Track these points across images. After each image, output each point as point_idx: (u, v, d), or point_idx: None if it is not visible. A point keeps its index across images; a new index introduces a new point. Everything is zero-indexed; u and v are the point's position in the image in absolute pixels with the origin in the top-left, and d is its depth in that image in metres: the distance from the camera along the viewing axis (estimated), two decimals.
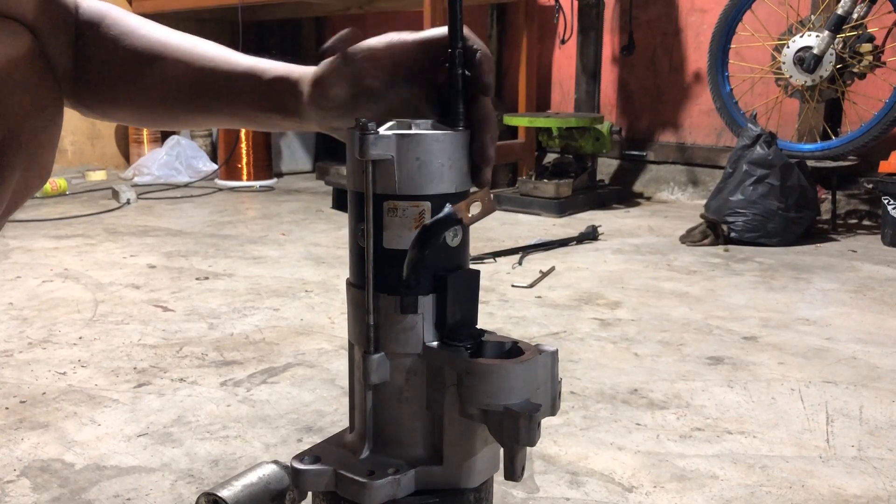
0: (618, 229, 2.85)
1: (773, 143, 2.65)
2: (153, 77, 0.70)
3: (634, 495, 1.02)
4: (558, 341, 1.63)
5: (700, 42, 3.48)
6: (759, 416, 1.27)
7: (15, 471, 1.08)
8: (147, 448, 1.15)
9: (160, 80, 0.70)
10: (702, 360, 1.52)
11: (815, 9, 2.94)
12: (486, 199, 0.58)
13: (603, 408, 1.30)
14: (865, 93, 2.85)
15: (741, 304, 1.91)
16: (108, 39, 0.71)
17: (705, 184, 3.48)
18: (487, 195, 0.58)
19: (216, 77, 0.69)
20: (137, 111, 0.74)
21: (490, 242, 2.54)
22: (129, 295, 1.96)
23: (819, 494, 1.03)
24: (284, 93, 0.67)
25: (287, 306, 1.87)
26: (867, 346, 1.60)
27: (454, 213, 0.58)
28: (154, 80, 0.70)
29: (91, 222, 2.94)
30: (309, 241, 2.63)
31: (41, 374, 1.44)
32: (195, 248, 2.51)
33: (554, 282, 2.11)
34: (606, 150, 3.35)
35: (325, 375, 1.43)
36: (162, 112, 0.73)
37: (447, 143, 0.60)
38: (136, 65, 0.70)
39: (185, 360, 1.52)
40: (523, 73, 3.79)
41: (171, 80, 0.70)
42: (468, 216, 0.58)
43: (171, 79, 0.70)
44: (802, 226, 2.63)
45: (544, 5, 3.87)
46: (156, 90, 0.71)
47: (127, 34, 0.71)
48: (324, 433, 1.19)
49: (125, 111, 0.75)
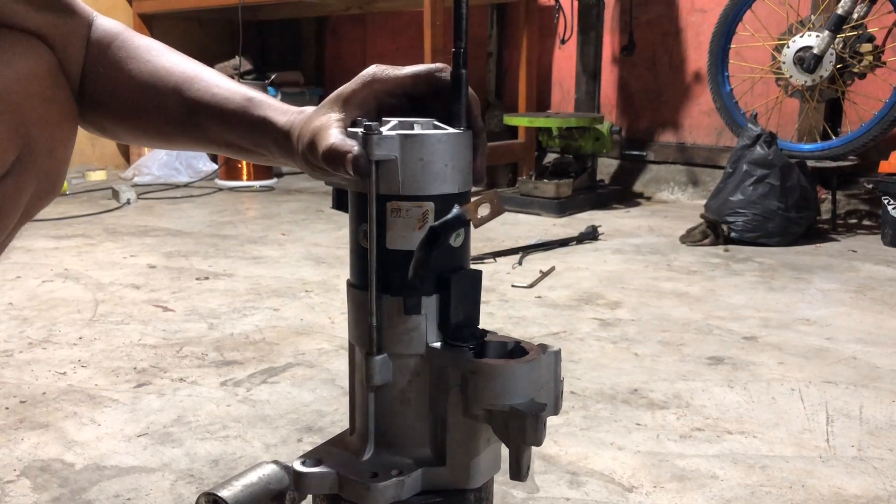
0: (618, 229, 2.85)
1: (774, 143, 2.65)
2: (152, 103, 0.71)
3: (634, 495, 1.02)
4: (558, 341, 1.63)
5: (700, 42, 3.48)
6: (759, 416, 1.27)
7: (15, 471, 1.08)
8: (147, 448, 1.15)
9: (158, 107, 0.71)
10: (702, 360, 1.52)
11: (815, 9, 2.94)
12: (494, 201, 0.58)
13: (603, 408, 1.30)
14: (865, 93, 2.85)
15: (741, 304, 1.91)
16: (115, 60, 0.72)
17: (705, 184, 3.48)
18: (496, 196, 0.58)
19: (210, 112, 0.70)
20: (135, 133, 0.76)
21: (490, 242, 2.54)
22: (129, 295, 1.96)
23: (819, 494, 1.03)
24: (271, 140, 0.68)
25: (287, 306, 1.87)
26: (867, 346, 1.60)
27: (463, 213, 0.58)
28: (152, 106, 0.72)
29: (91, 222, 2.94)
30: (309, 241, 2.63)
31: (41, 374, 1.44)
32: (195, 248, 2.51)
33: (554, 282, 2.11)
34: (606, 150, 3.35)
35: (325, 375, 1.43)
36: (158, 137, 0.75)
37: (450, 143, 0.60)
38: (138, 90, 0.72)
39: (185, 360, 1.51)
40: (523, 73, 3.79)
41: (170, 109, 0.71)
42: (477, 217, 0.58)
43: (168, 107, 0.71)
44: (802, 226, 2.63)
45: (544, 5, 3.87)
46: (154, 116, 0.72)
47: (133, 58, 0.72)
48: (324, 433, 1.19)
49: (124, 131, 0.76)
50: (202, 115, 0.70)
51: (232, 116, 0.69)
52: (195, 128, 0.71)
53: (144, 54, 0.73)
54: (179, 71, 0.72)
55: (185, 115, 0.71)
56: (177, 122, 0.72)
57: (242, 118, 0.69)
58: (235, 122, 0.69)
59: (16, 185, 0.61)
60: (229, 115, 0.69)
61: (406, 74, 0.64)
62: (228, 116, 0.69)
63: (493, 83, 4.19)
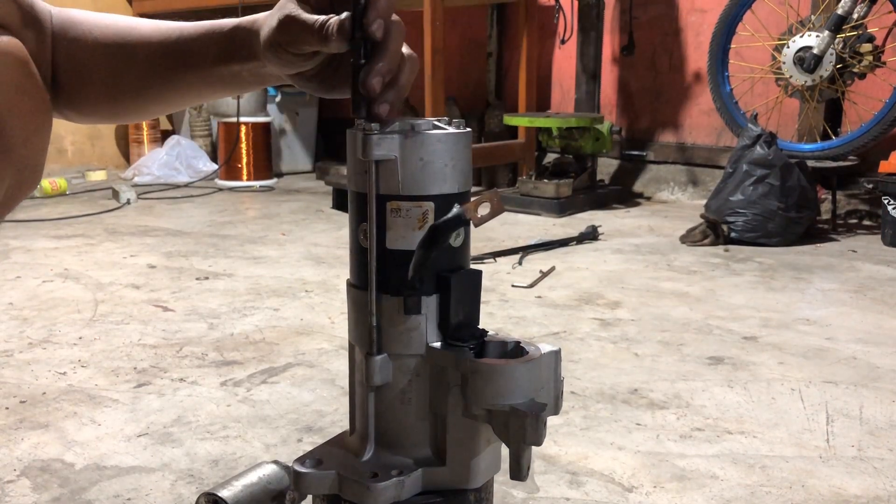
0: (618, 229, 2.85)
1: (774, 143, 2.65)
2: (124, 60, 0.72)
3: (634, 495, 1.02)
4: (558, 341, 1.63)
5: (700, 42, 3.48)
6: (759, 416, 1.27)
7: (15, 471, 1.08)
8: (147, 448, 1.15)
9: (131, 62, 0.72)
10: (702, 360, 1.52)
11: (815, 9, 2.94)
12: (494, 200, 0.58)
13: (603, 408, 1.30)
14: (865, 93, 2.85)
15: (741, 304, 1.91)
16: (79, 35, 0.73)
17: (705, 184, 3.48)
18: (496, 196, 0.58)
19: (182, 42, 0.70)
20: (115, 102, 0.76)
21: (490, 242, 2.54)
22: (129, 295, 1.96)
23: (819, 494, 1.03)
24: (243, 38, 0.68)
25: (287, 306, 1.87)
26: (867, 346, 1.60)
27: (463, 213, 0.58)
28: (126, 64, 0.72)
29: (91, 222, 2.94)
30: (309, 241, 2.63)
31: (41, 374, 1.44)
32: (195, 248, 2.51)
33: (554, 282, 2.11)
34: (606, 150, 3.35)
35: (325, 375, 1.43)
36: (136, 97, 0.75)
37: (450, 142, 0.60)
38: (107, 54, 0.72)
39: (185, 360, 1.52)
40: (523, 73, 3.79)
41: (142, 59, 0.72)
42: (477, 217, 0.58)
43: (141, 58, 0.72)
44: (802, 226, 2.63)
45: (544, 5, 3.87)
46: (129, 73, 0.73)
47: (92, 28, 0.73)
48: (324, 433, 1.19)
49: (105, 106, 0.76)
50: (175, 52, 0.70)
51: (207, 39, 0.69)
52: (171, 70, 0.71)
53: (105, 20, 0.74)
54: (142, 24, 0.73)
55: (158, 60, 0.71)
56: (151, 71, 0.72)
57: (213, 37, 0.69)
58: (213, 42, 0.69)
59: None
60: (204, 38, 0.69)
61: None
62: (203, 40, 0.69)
63: (493, 83, 4.19)
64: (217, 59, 0.70)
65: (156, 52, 0.71)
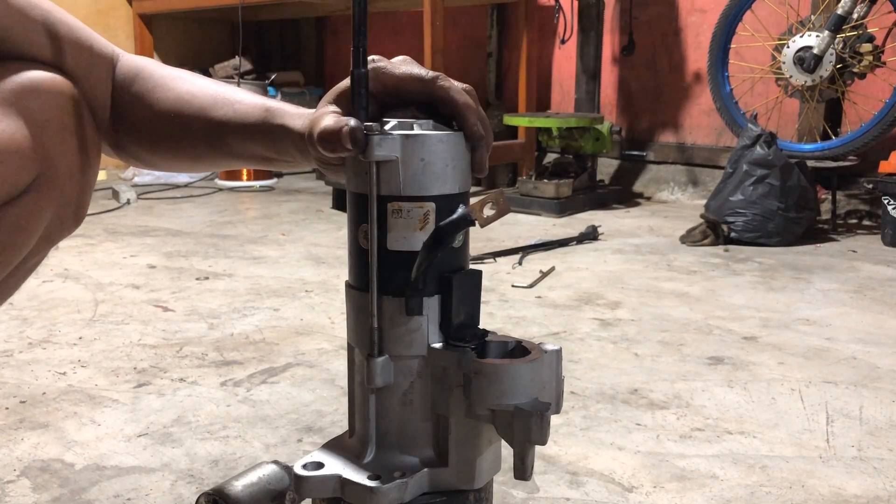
0: (618, 229, 2.85)
1: (774, 143, 2.65)
2: (179, 128, 0.75)
3: (634, 495, 1.02)
4: (558, 341, 1.63)
5: (700, 42, 3.48)
6: (759, 416, 1.27)
7: (15, 471, 1.08)
8: (147, 448, 1.15)
9: (185, 131, 0.75)
10: (702, 360, 1.52)
11: (815, 9, 2.94)
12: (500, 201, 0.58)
13: (603, 408, 1.30)
14: (865, 93, 2.85)
15: (741, 304, 1.91)
16: (142, 92, 0.76)
17: (705, 184, 3.48)
18: (501, 196, 0.58)
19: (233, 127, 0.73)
20: (167, 157, 0.80)
21: (490, 242, 2.54)
22: (129, 295, 1.96)
23: (819, 494, 1.03)
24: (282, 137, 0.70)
25: (287, 306, 1.87)
26: (867, 346, 1.60)
27: (468, 213, 0.58)
28: (180, 131, 0.76)
29: (91, 222, 2.93)
30: (309, 241, 2.63)
31: (41, 374, 1.44)
32: (195, 248, 2.51)
33: (554, 282, 2.11)
34: (606, 150, 3.35)
35: (325, 375, 1.43)
36: (189, 159, 0.79)
37: (451, 143, 0.60)
38: (165, 117, 0.76)
39: (185, 360, 1.51)
40: (523, 73, 3.79)
41: (196, 131, 0.75)
42: (482, 217, 0.58)
43: (195, 129, 0.75)
44: (802, 226, 2.63)
45: (544, 5, 3.87)
46: (182, 140, 0.76)
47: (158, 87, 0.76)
48: (324, 433, 1.19)
49: (157, 158, 0.80)
50: (226, 132, 0.73)
51: (253, 129, 0.72)
52: (221, 145, 0.75)
53: (169, 83, 0.76)
54: (203, 94, 0.75)
55: (211, 134, 0.74)
56: (204, 142, 0.75)
57: (262, 129, 0.71)
58: (257, 133, 0.72)
59: (36, 203, 0.63)
60: (251, 128, 0.72)
61: (403, 76, 0.64)
62: (250, 129, 0.72)
63: (493, 83, 4.19)
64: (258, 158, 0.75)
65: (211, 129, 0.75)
